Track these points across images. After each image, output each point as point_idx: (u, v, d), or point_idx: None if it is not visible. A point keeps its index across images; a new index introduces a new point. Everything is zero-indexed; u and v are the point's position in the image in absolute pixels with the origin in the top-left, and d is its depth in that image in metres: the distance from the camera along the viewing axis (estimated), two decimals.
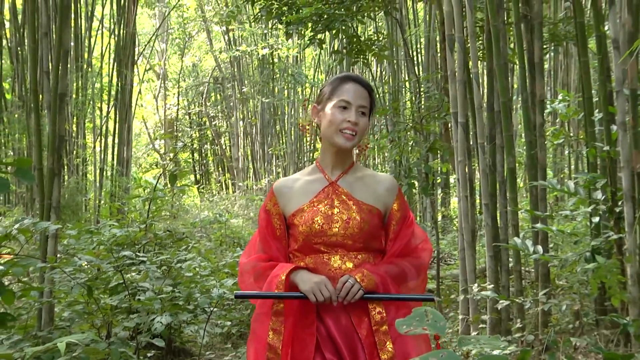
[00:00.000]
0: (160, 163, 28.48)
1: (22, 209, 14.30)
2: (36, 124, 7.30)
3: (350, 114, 3.54)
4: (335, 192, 3.60)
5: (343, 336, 3.42)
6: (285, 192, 3.69)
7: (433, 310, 2.16)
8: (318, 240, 3.52)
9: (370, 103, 3.64)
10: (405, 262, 3.58)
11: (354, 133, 3.54)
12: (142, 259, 6.87)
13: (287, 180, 3.78)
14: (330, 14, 9.82)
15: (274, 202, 3.69)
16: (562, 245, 9.72)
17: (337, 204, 3.57)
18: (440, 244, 11.50)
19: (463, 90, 7.21)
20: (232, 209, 21.05)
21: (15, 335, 5.86)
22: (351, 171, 3.68)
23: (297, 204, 3.63)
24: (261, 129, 26.35)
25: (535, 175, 7.30)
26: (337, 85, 3.64)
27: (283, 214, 3.67)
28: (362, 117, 3.57)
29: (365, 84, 3.65)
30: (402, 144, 9.89)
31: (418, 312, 2.15)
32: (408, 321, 2.14)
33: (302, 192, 3.66)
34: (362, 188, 3.62)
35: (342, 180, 3.64)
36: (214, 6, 25.71)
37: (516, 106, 16.01)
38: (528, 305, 6.74)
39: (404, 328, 2.12)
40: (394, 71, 17.90)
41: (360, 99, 3.58)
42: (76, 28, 15.24)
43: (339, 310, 3.46)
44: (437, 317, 2.13)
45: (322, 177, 3.67)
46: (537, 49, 7.58)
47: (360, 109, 3.56)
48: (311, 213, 3.56)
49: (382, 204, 3.62)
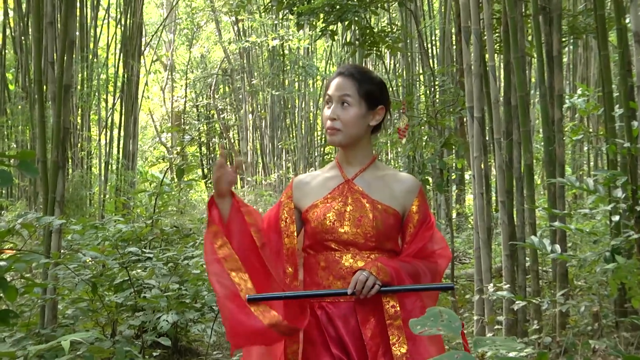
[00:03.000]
0: (167, 157, 28.54)
1: (25, 203, 14.34)
2: (40, 115, 7.30)
3: (330, 108, 3.56)
4: (350, 190, 3.61)
5: (352, 337, 3.43)
6: (302, 186, 3.72)
7: (448, 310, 2.16)
8: (329, 237, 3.53)
9: (359, 92, 3.55)
10: (420, 263, 3.56)
11: (335, 129, 3.54)
12: (148, 255, 6.89)
13: (306, 176, 3.81)
14: (343, 5, 9.81)
15: (288, 195, 3.72)
16: (581, 244, 9.71)
17: (350, 201, 3.57)
18: (454, 242, 11.48)
19: (479, 84, 7.19)
20: None
21: (18, 332, 5.88)
22: (370, 169, 3.67)
23: (311, 200, 3.65)
24: (271, 122, 26.33)
25: (553, 172, 7.29)
26: (328, 82, 3.67)
27: (298, 208, 3.69)
28: (344, 107, 3.54)
29: (350, 74, 3.60)
30: (416, 139, 9.87)
31: (432, 312, 2.15)
32: (422, 321, 2.14)
33: (318, 188, 3.68)
34: (379, 187, 3.61)
35: (360, 178, 3.64)
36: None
37: (533, 101, 15.98)
38: (545, 306, 6.72)
39: (419, 328, 2.12)
40: (408, 64, 17.87)
41: (341, 90, 3.55)
42: (81, 17, 15.26)
43: (347, 310, 3.47)
44: (452, 317, 2.13)
45: (339, 174, 3.68)
46: (556, 42, 7.56)
47: (341, 98, 3.53)
48: (324, 209, 3.57)
49: (400, 205, 3.60)
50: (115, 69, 17.77)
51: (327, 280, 3.52)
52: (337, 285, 3.48)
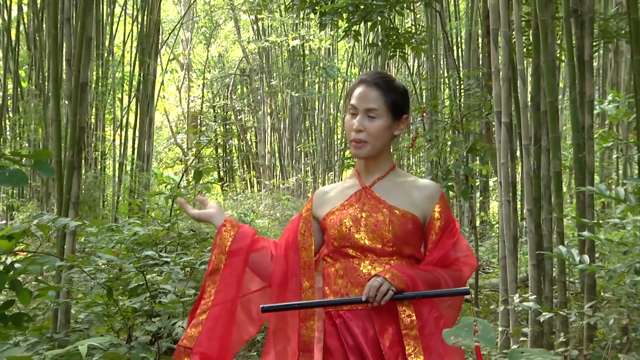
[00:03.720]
0: (183, 158, 28.58)
1: (36, 203, 14.39)
2: (55, 114, 7.33)
3: (355, 120, 3.58)
4: (367, 196, 3.64)
5: (370, 346, 3.44)
6: (322, 196, 3.81)
7: (482, 321, 2.16)
8: (346, 243, 3.57)
9: (386, 103, 3.59)
10: (442, 271, 3.56)
11: (361, 141, 3.57)
12: (165, 259, 6.90)
13: (327, 187, 3.89)
14: (368, 5, 9.81)
15: (308, 208, 3.79)
16: (610, 255, 9.66)
17: (367, 207, 3.60)
18: (478, 250, 11.47)
19: (507, 88, 7.19)
20: (258, 208, 21.05)
21: (31, 337, 5.92)
22: (390, 176, 3.70)
23: (329, 207, 3.70)
24: (290, 124, 26.36)
25: (582, 180, 7.27)
26: (352, 89, 3.69)
27: (317, 218, 3.74)
28: (371, 120, 3.57)
29: (376, 83, 3.62)
30: (440, 144, 9.87)
31: (466, 322, 2.15)
32: (456, 332, 2.14)
33: (336, 197, 3.74)
34: (398, 193, 3.63)
35: (378, 185, 3.67)
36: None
37: (562, 106, 15.94)
38: (572, 318, 6.71)
39: (452, 339, 2.12)
40: (433, 66, 17.84)
41: (367, 102, 3.57)
42: (97, 14, 15.32)
43: (366, 319, 3.48)
44: (486, 328, 2.13)
45: (357, 183, 3.73)
46: (587, 46, 7.55)
47: (367, 112, 3.57)
48: (340, 216, 3.62)
49: (420, 210, 3.60)
50: (131, 67, 17.86)
51: (345, 288, 3.54)
52: (355, 292, 3.50)
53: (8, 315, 4.55)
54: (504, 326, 7.18)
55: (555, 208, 7.29)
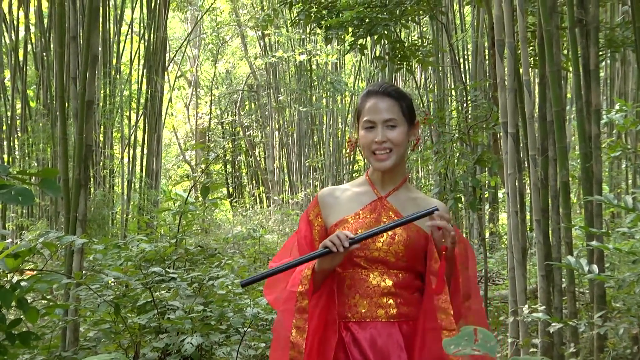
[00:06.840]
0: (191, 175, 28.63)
1: (45, 222, 14.40)
2: (62, 132, 7.35)
3: (376, 133, 3.55)
4: (384, 207, 3.62)
5: (378, 358, 3.42)
6: (330, 201, 3.71)
7: (483, 330, 2.14)
8: (360, 253, 3.52)
9: (402, 111, 3.59)
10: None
11: (386, 151, 3.55)
12: (172, 275, 6.89)
13: (334, 190, 3.80)
14: (373, 18, 9.82)
15: (316, 213, 3.71)
16: (619, 264, 9.63)
17: (384, 219, 3.57)
18: (487, 262, 11.44)
19: (513, 99, 7.18)
20: (267, 224, 21.02)
21: (39, 355, 5.91)
22: (403, 189, 3.70)
23: (341, 214, 3.64)
24: (298, 139, 26.37)
25: (590, 190, 7.24)
26: (362, 103, 3.66)
27: (325, 225, 3.68)
28: (391, 130, 3.55)
29: (387, 93, 3.62)
30: (447, 155, 9.84)
31: (466, 332, 2.14)
32: (456, 341, 2.13)
33: (348, 203, 3.68)
34: (412, 209, 3.57)
35: (393, 197, 3.66)
36: (249, 10, 25.82)
37: (569, 116, 15.92)
38: (582, 328, 6.68)
39: (452, 348, 2.11)
40: (439, 79, 17.83)
41: (384, 113, 3.56)
42: (104, 32, 15.36)
43: (374, 331, 3.46)
44: (487, 337, 2.11)
45: (370, 191, 3.69)
46: (593, 56, 7.53)
47: (386, 123, 3.56)
48: (355, 225, 3.56)
49: (429, 229, 3.56)
50: (138, 85, 17.88)
51: (352, 298, 3.53)
52: (362, 304, 3.49)
53: (15, 334, 4.55)
54: (514, 337, 7.16)
55: (564, 218, 7.26)
